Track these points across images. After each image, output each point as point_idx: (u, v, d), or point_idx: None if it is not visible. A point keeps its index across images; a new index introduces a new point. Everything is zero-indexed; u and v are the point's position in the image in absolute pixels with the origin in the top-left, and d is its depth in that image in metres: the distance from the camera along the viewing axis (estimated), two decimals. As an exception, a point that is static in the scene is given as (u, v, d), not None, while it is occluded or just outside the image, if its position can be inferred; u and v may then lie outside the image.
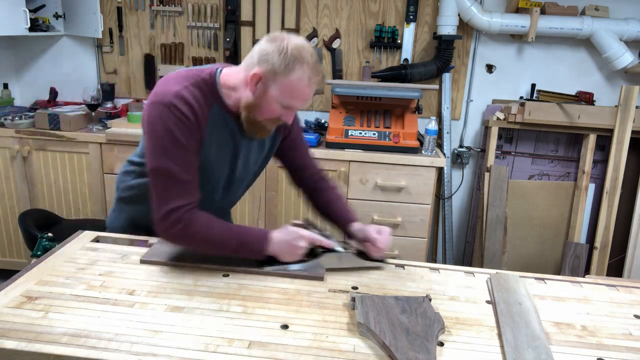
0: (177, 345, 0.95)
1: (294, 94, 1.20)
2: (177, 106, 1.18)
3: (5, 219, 2.85)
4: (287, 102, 1.22)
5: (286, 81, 1.18)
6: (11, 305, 1.06)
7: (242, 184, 1.48)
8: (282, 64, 1.17)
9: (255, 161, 1.45)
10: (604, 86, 2.93)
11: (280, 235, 1.24)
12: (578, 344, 1.04)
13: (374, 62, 2.97)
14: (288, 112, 1.25)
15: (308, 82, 1.19)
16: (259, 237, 1.24)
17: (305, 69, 1.18)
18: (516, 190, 2.91)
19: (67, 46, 3.12)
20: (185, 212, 1.19)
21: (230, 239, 1.22)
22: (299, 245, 1.24)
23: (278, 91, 1.20)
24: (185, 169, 1.20)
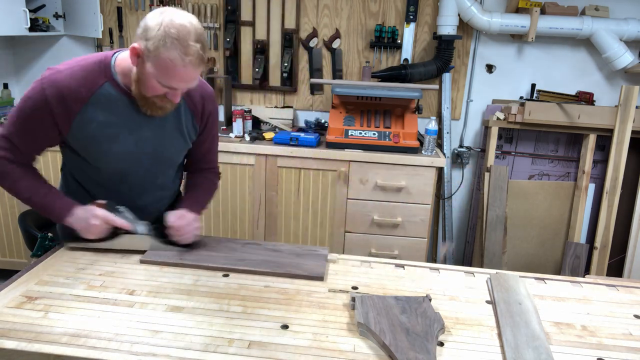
0: (177, 345, 0.95)
1: (169, 73, 1.17)
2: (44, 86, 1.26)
3: (5, 219, 2.85)
4: (164, 81, 1.20)
5: (159, 59, 1.16)
6: (11, 305, 1.06)
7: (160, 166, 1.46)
8: (155, 41, 1.15)
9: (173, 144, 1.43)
10: (604, 86, 2.93)
11: (80, 212, 1.32)
12: (578, 344, 1.04)
13: (374, 62, 2.97)
14: (171, 91, 1.23)
15: (182, 62, 1.15)
16: (62, 207, 1.33)
17: (179, 48, 1.14)
18: (516, 190, 2.91)
19: (67, 46, 3.12)
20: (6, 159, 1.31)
21: (36, 197, 1.34)
22: (93, 223, 1.30)
23: (153, 69, 1.18)
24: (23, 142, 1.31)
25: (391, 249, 2.66)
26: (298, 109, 3.09)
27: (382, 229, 2.63)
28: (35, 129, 1.30)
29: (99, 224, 1.31)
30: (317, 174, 2.62)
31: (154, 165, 1.43)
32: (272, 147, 2.58)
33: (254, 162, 2.62)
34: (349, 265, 1.36)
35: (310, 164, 2.59)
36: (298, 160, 2.58)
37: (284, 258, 1.35)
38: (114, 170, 1.40)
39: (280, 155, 2.59)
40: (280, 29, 2.95)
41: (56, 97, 1.25)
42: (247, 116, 2.73)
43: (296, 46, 2.96)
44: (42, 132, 1.30)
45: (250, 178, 2.65)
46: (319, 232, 2.71)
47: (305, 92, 3.06)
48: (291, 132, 2.74)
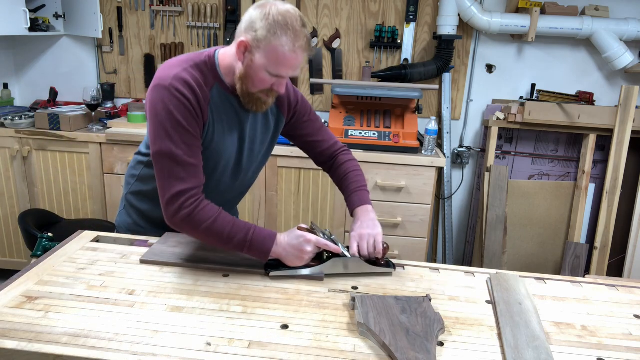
0: (177, 345, 0.95)
1: (279, 60, 1.17)
2: (178, 88, 1.18)
3: (5, 219, 2.85)
4: (274, 70, 1.19)
5: (270, 47, 1.16)
6: (11, 305, 1.06)
7: (249, 167, 1.45)
8: (264, 31, 1.15)
9: (261, 142, 1.43)
10: (604, 86, 2.93)
11: (287, 239, 1.21)
12: (578, 344, 1.04)
13: (374, 62, 2.97)
14: (278, 80, 1.23)
15: (292, 48, 1.16)
16: (266, 237, 1.21)
17: (289, 34, 1.15)
18: (516, 190, 2.91)
19: (67, 46, 3.12)
20: (192, 196, 1.18)
21: (237, 234, 1.19)
22: (306, 249, 1.20)
23: (264, 59, 1.17)
24: (188, 152, 1.19)
25: (391, 249, 2.66)
26: (298, 109, 3.09)
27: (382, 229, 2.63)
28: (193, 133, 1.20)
29: (312, 250, 1.22)
30: (317, 174, 2.62)
31: (248, 163, 1.43)
32: (272, 147, 2.58)
33: (254, 162, 2.62)
34: (349, 265, 1.36)
35: (310, 164, 2.57)
36: (298, 160, 2.58)
37: (284, 258, 1.34)
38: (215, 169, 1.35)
39: (280, 155, 2.58)
40: (280, 29, 2.94)
41: (192, 93, 1.20)
42: (247, 116, 2.72)
43: (296, 46, 2.96)
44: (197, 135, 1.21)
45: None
46: (319, 232, 2.71)
47: (305, 92, 3.06)
48: (291, 132, 2.73)
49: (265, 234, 1.22)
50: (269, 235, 1.21)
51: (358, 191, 1.44)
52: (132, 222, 1.52)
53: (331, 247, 1.24)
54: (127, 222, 1.53)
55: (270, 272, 1.23)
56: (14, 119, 2.70)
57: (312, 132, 1.51)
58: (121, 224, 1.56)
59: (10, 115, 2.75)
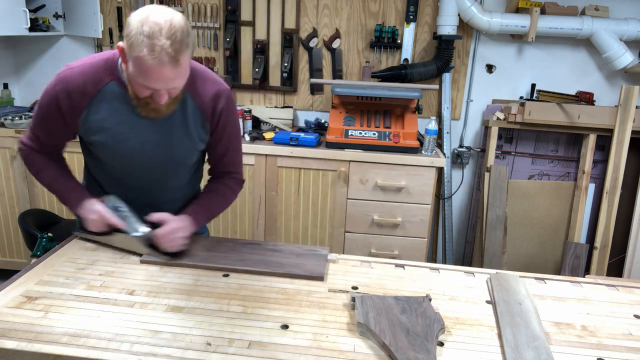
0: (177, 345, 0.95)
1: (142, 72, 1.14)
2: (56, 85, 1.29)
3: (5, 219, 2.85)
4: (142, 81, 1.17)
5: (133, 59, 1.14)
6: (11, 305, 1.06)
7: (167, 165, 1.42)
8: (131, 39, 1.12)
9: (179, 144, 1.38)
10: (604, 86, 2.93)
11: (86, 205, 1.37)
12: (578, 344, 1.04)
13: (374, 62, 2.97)
14: (155, 91, 1.20)
15: (150, 61, 1.11)
16: (75, 198, 1.39)
17: (147, 45, 1.10)
18: (516, 190, 2.91)
19: (67, 46, 3.12)
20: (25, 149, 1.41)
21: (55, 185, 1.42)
22: (91, 217, 1.35)
23: (132, 68, 1.16)
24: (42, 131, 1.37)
25: (391, 249, 2.66)
26: (298, 109, 3.09)
27: (382, 229, 2.63)
28: (50, 123, 1.35)
29: (96, 219, 1.34)
30: (317, 174, 2.62)
31: (163, 167, 1.41)
32: (272, 147, 2.58)
33: (254, 162, 2.62)
34: (349, 265, 1.36)
35: (310, 164, 2.59)
36: (298, 160, 2.58)
37: (284, 258, 1.35)
38: (122, 169, 1.41)
39: (280, 155, 2.59)
40: (280, 29, 2.95)
41: (64, 93, 1.28)
42: (247, 116, 2.73)
43: (296, 46, 2.96)
44: (55, 126, 1.35)
45: (250, 178, 2.65)
46: (319, 232, 2.71)
47: (305, 92, 3.06)
48: (291, 132, 2.74)
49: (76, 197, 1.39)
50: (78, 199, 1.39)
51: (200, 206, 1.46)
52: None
53: (111, 220, 1.34)
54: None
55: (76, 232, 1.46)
56: (14, 119, 2.70)
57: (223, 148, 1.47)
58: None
59: (10, 115, 2.75)
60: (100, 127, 1.32)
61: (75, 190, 1.41)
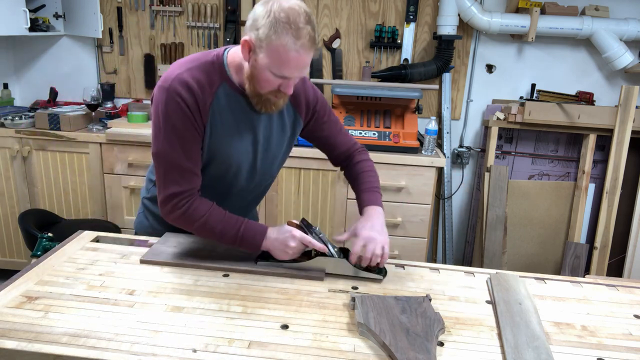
0: (177, 345, 0.95)
1: (281, 60, 1.11)
2: (177, 90, 1.18)
3: (5, 219, 2.85)
4: (277, 71, 1.14)
5: (271, 47, 1.10)
6: (11, 305, 1.06)
7: (265, 169, 1.41)
8: (266, 29, 1.09)
9: (277, 143, 1.38)
10: (604, 86, 2.93)
11: (275, 233, 1.25)
12: (578, 344, 1.04)
13: (374, 62, 2.97)
14: (285, 81, 1.17)
15: (295, 47, 1.09)
16: (257, 232, 1.25)
17: (291, 32, 1.08)
18: (516, 190, 2.91)
19: (67, 46, 3.12)
20: (183, 199, 1.23)
21: (229, 230, 1.24)
22: (290, 244, 1.22)
23: (266, 59, 1.12)
24: (183, 155, 1.22)
25: (391, 249, 2.65)
26: (298, 109, 3.09)
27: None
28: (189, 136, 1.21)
29: (297, 246, 1.23)
30: (317, 174, 2.62)
31: (264, 165, 1.39)
32: (272, 147, 2.58)
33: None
34: (349, 265, 1.36)
35: (310, 164, 2.59)
36: (298, 160, 2.58)
37: (284, 258, 1.34)
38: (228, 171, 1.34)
39: (280, 155, 2.58)
40: (280, 29, 2.94)
41: (190, 95, 1.19)
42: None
43: (296, 46, 2.96)
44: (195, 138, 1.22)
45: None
46: (319, 232, 2.71)
47: (305, 92, 3.05)
48: (291, 132, 2.73)
49: (256, 229, 1.25)
50: (260, 230, 1.25)
51: (369, 191, 1.42)
52: (149, 225, 1.52)
53: (316, 245, 1.23)
54: (145, 224, 1.54)
55: (258, 262, 1.28)
56: (14, 119, 2.70)
57: (331, 134, 1.47)
58: (139, 227, 1.56)
59: (10, 115, 2.75)
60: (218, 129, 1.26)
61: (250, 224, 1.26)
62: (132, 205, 2.76)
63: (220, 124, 1.26)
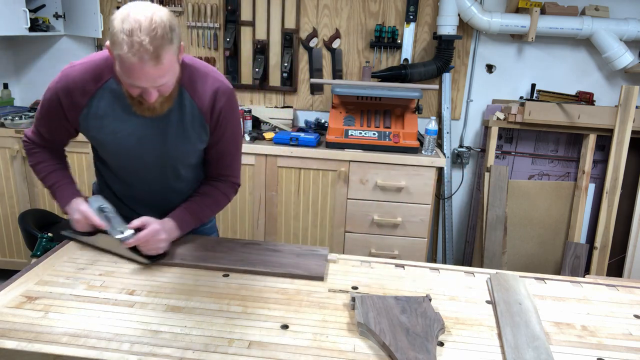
0: (177, 345, 0.95)
1: (124, 71, 1.12)
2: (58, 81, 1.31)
3: (5, 219, 2.85)
4: (126, 79, 1.15)
5: (116, 57, 1.12)
6: (11, 305, 1.06)
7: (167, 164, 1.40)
8: (111, 38, 1.12)
9: (176, 143, 1.35)
10: (604, 86, 2.93)
11: (73, 204, 1.37)
12: (578, 344, 1.04)
13: (374, 62, 2.97)
14: (143, 89, 1.17)
15: (128, 58, 1.09)
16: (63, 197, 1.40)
17: (126, 42, 1.08)
18: (516, 190, 2.91)
19: (67, 46, 3.12)
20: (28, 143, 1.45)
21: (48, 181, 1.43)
22: (75, 217, 1.35)
23: (118, 67, 1.14)
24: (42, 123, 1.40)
25: (391, 249, 2.66)
26: (298, 109, 3.09)
27: (382, 229, 2.63)
28: (51, 119, 1.37)
29: (80, 219, 1.34)
30: (317, 174, 2.62)
31: (163, 166, 1.39)
32: (272, 147, 2.58)
33: (254, 162, 2.62)
34: (349, 265, 1.36)
35: (310, 164, 2.59)
36: (298, 160, 2.58)
37: (284, 258, 1.35)
38: (124, 168, 1.42)
39: (280, 155, 2.59)
40: (280, 29, 2.95)
41: (64, 90, 1.30)
42: (247, 116, 2.73)
43: (296, 46, 2.96)
44: (56, 122, 1.37)
45: (250, 178, 2.65)
46: (319, 232, 2.71)
47: (305, 92, 3.06)
48: (291, 132, 2.74)
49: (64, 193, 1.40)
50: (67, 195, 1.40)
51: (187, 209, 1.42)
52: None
53: (94, 220, 1.31)
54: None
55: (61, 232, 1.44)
56: (14, 119, 2.70)
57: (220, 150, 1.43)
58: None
59: (10, 115, 2.75)
60: (99, 125, 1.33)
61: (67, 188, 1.42)
62: (132, 205, 2.76)
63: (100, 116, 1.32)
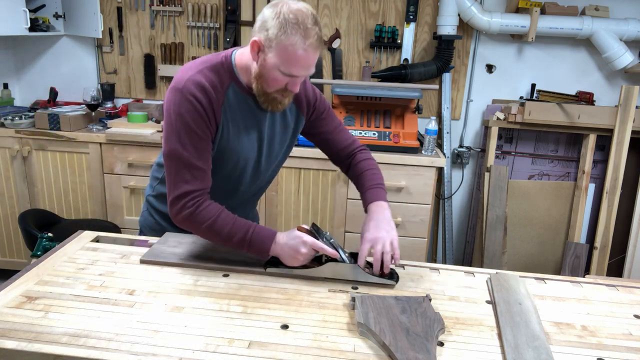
0: (177, 345, 0.95)
1: (290, 59, 1.17)
2: (191, 91, 1.21)
3: (5, 219, 2.85)
4: (286, 69, 1.19)
5: (280, 46, 1.16)
6: (11, 305, 1.06)
7: (268, 166, 1.46)
8: (275, 29, 1.15)
9: (280, 141, 1.43)
10: (604, 86, 2.93)
11: (285, 238, 1.23)
12: (578, 344, 1.04)
13: (374, 62, 2.97)
14: (292, 80, 1.22)
15: (303, 46, 1.15)
16: (265, 236, 1.23)
17: (299, 32, 1.14)
18: (516, 190, 2.91)
19: (67, 46, 3.12)
20: (194, 198, 1.23)
21: (237, 232, 1.23)
22: (301, 250, 1.20)
23: (275, 58, 1.17)
24: (195, 155, 1.23)
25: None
26: (298, 109, 3.08)
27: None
28: (202, 136, 1.23)
29: (308, 252, 1.21)
30: (317, 174, 2.62)
31: (267, 162, 1.43)
32: (272, 147, 2.58)
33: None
34: (349, 265, 1.36)
35: (310, 164, 2.59)
36: (298, 160, 2.58)
37: (284, 258, 1.34)
38: (235, 169, 1.37)
39: (280, 155, 2.58)
40: (280, 29, 2.94)
41: (204, 95, 1.22)
42: (247, 116, 2.72)
43: (296, 46, 2.96)
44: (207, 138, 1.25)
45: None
46: (319, 232, 2.71)
47: (305, 92, 3.05)
48: (291, 132, 2.73)
49: (265, 233, 1.24)
50: (268, 235, 1.23)
51: (373, 188, 1.42)
52: (155, 223, 1.54)
53: (328, 251, 1.22)
54: (150, 222, 1.55)
55: (267, 268, 1.26)
56: (14, 119, 2.70)
57: (329, 130, 1.50)
58: (144, 225, 1.58)
59: (10, 115, 2.75)
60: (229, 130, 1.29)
61: (261, 228, 1.25)
62: (132, 205, 2.76)
63: (230, 123, 1.29)
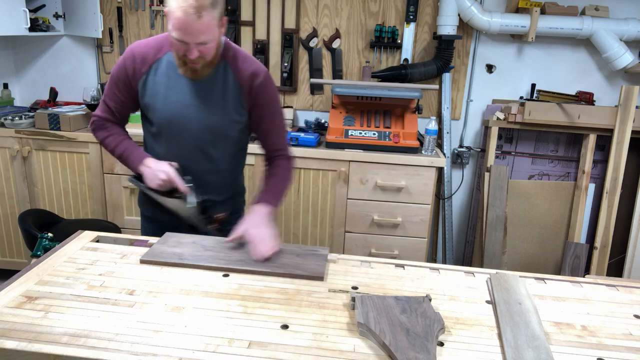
0: (177, 345, 0.95)
1: (172, 24, 1.31)
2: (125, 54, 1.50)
3: (5, 219, 2.85)
4: (173, 34, 1.33)
5: (169, 13, 1.31)
6: (11, 305, 1.06)
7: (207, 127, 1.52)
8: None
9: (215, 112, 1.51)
10: (604, 86, 2.93)
11: (153, 164, 1.48)
12: (578, 344, 1.04)
13: (374, 62, 2.97)
14: (184, 46, 1.34)
15: (177, 11, 1.27)
16: (136, 158, 1.52)
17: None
18: (516, 190, 2.91)
19: (67, 46, 3.12)
20: (96, 121, 1.58)
21: (117, 150, 1.56)
22: (159, 176, 1.44)
23: (169, 25, 1.33)
24: (109, 95, 1.55)
25: (391, 249, 2.66)
26: (298, 109, 3.09)
27: (382, 229, 2.63)
28: (119, 90, 1.52)
29: (164, 178, 1.44)
30: (317, 174, 2.62)
31: (202, 134, 1.52)
32: (272, 147, 2.58)
33: (254, 162, 2.62)
34: (349, 265, 1.36)
35: (310, 164, 2.59)
36: (298, 160, 2.58)
37: (284, 258, 1.35)
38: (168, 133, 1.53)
39: (280, 155, 2.58)
40: (280, 29, 2.95)
41: (130, 59, 1.48)
42: (247, 116, 2.73)
43: (296, 46, 2.96)
44: (123, 92, 1.52)
45: (250, 178, 2.65)
46: (319, 232, 2.71)
47: (305, 92, 3.06)
48: (291, 132, 2.74)
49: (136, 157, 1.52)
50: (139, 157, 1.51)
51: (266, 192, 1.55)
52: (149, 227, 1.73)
53: (178, 184, 1.45)
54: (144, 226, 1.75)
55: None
56: (14, 119, 2.70)
57: (266, 130, 1.59)
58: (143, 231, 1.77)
59: (10, 115, 2.75)
60: (154, 92, 1.49)
61: (138, 151, 1.54)
62: (132, 205, 2.76)
63: (157, 86, 1.49)
